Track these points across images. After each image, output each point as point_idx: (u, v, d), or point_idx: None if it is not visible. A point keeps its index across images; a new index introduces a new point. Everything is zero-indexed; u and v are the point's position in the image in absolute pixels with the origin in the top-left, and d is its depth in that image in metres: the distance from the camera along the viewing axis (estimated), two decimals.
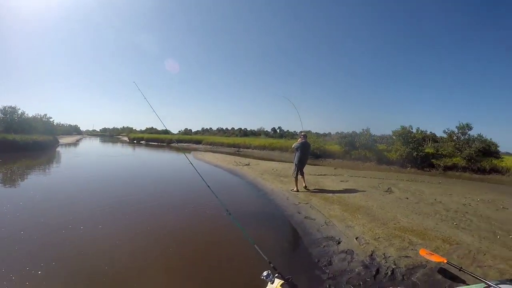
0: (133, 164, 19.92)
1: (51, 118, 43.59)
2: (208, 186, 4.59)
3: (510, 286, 2.63)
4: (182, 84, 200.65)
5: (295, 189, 9.75)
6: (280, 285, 3.32)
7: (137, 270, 4.56)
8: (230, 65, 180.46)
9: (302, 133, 10.48)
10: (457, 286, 3.46)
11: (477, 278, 3.32)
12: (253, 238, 3.77)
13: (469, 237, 5.49)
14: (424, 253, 4.35)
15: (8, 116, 31.85)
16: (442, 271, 4.10)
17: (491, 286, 2.73)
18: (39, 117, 40.70)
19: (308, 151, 10.52)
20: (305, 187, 10.23)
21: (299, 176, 10.09)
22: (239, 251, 5.17)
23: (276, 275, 3.24)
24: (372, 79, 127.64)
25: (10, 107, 32.49)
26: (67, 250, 5.11)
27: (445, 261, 3.95)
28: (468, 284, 3.57)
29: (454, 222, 6.50)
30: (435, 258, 4.09)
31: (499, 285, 2.68)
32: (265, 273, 3.36)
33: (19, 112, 33.45)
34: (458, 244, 5.11)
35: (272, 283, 3.36)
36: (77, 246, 5.26)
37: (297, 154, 9.97)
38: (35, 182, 11.43)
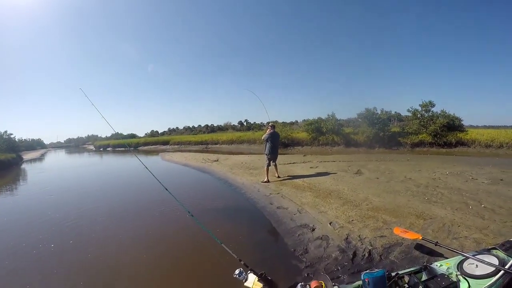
0: (96, 173, 18.98)
1: (11, 134, 41.27)
2: (166, 189, 4.38)
3: (486, 255, 2.54)
4: (145, 86, 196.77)
5: (265, 180, 9.58)
6: (257, 281, 3.13)
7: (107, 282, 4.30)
8: (191, 61, 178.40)
9: (270, 124, 10.42)
10: (435, 261, 3.37)
11: (453, 251, 3.22)
12: (224, 237, 3.61)
13: (442, 210, 5.46)
14: (398, 231, 4.21)
15: None
16: (419, 247, 3.99)
17: (468, 257, 2.63)
18: None
19: (277, 141, 10.41)
20: (278, 176, 10.15)
21: (272, 166, 10.04)
22: (210, 253, 4.82)
23: (249, 272, 3.06)
24: (334, 63, 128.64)
25: None
26: (39, 270, 4.77)
27: (420, 238, 3.83)
28: (446, 257, 3.49)
29: (425, 197, 6.48)
30: (410, 236, 3.95)
31: (476, 256, 2.58)
32: (237, 271, 3.16)
33: None
34: (432, 219, 5.06)
35: (246, 280, 3.17)
36: (49, 264, 4.92)
37: (268, 145, 9.85)
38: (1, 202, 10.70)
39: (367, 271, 2.75)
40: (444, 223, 4.77)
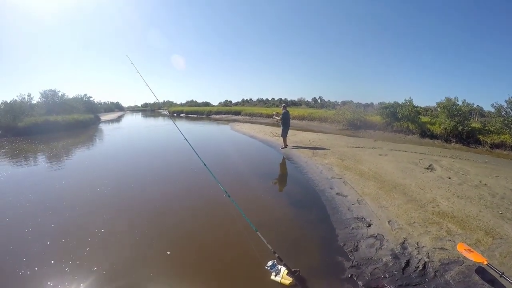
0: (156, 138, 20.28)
1: (91, 97, 45.64)
2: (205, 164, 4.49)
3: None
4: (224, 55, 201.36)
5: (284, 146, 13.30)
6: (287, 276, 3.12)
7: (136, 258, 4.46)
8: (269, 37, 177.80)
9: (283, 104, 13.71)
10: None
11: None
12: (258, 224, 3.56)
13: None
14: (462, 248, 3.88)
15: (49, 99, 33.83)
16: (481, 271, 3.67)
17: None
18: (79, 97, 42.74)
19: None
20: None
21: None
22: (246, 239, 4.57)
23: (281, 266, 3.06)
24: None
25: (51, 90, 34.52)
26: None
27: (486, 262, 3.49)
28: None
29: (499, 210, 5.87)
30: (475, 257, 3.60)
31: None
32: (269, 263, 3.19)
33: (59, 94, 35.36)
34: (502, 239, 4.60)
35: (278, 274, 3.17)
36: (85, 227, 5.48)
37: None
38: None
39: None
40: None
